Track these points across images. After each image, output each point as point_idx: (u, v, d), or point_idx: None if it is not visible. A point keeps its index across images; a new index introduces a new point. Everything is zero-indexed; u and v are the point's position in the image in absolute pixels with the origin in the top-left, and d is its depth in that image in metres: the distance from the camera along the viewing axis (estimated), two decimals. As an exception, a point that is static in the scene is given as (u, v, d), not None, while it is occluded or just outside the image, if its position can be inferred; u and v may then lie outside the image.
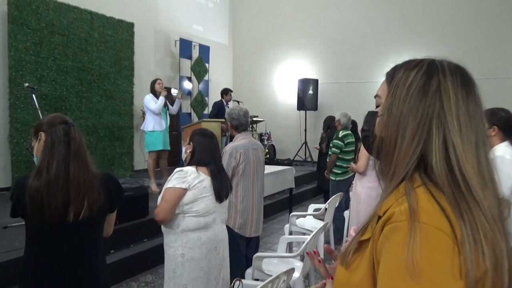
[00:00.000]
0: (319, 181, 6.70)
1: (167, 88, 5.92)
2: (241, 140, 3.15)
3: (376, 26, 9.53)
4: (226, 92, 7.67)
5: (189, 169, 2.29)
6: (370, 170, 3.59)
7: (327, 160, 5.34)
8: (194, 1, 9.83)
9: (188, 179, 2.23)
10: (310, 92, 9.79)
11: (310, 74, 10.25)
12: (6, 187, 5.73)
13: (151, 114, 5.58)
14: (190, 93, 9.44)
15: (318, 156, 7.25)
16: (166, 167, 5.96)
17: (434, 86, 0.75)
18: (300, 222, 4.35)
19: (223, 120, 5.94)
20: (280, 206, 6.60)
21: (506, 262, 0.68)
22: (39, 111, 4.35)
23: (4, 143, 5.71)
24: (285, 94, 10.73)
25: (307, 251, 1.00)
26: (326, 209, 4.13)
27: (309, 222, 4.40)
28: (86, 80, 6.74)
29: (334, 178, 5.14)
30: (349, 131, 5.17)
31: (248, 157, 3.08)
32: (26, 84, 4.75)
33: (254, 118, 8.77)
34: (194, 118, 9.39)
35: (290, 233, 4.21)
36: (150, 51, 8.46)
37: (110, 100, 7.18)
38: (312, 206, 4.91)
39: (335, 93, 10.04)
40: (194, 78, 9.40)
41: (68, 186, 1.61)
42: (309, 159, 9.75)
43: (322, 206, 4.46)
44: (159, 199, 2.29)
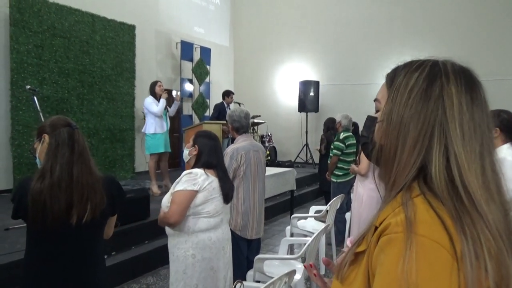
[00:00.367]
0: (320, 182, 6.70)
1: (168, 90, 5.92)
2: (242, 142, 3.15)
3: (377, 27, 9.54)
4: (227, 94, 7.66)
5: (198, 171, 2.30)
6: (372, 171, 3.58)
7: (328, 161, 5.35)
8: (195, 3, 9.86)
9: (198, 181, 2.25)
10: (311, 94, 9.79)
11: (311, 76, 10.25)
12: (8, 189, 5.74)
13: (153, 117, 5.55)
14: (191, 95, 9.45)
15: (319, 157, 7.26)
16: (167, 169, 5.96)
17: (436, 91, 0.70)
18: (301, 224, 4.35)
19: (224, 122, 5.95)
20: (281, 208, 6.60)
21: None
22: (41, 114, 4.36)
23: (5, 145, 5.73)
24: (286, 96, 10.74)
25: (305, 264, 0.98)
26: (328, 211, 4.13)
27: (310, 224, 4.39)
28: (87, 82, 6.76)
29: (335, 180, 5.14)
30: (350, 133, 5.17)
31: (249, 159, 3.09)
32: (28, 86, 4.77)
33: (256, 119, 8.78)
34: (195, 120, 9.40)
35: (291, 235, 4.21)
36: (151, 53, 8.48)
37: (112, 102, 7.20)
38: (313, 208, 4.91)
39: (336, 95, 10.05)
40: (195, 80, 9.42)
41: (71, 189, 1.61)
42: (310, 161, 9.74)
43: (323, 208, 4.45)
44: (165, 202, 2.29)
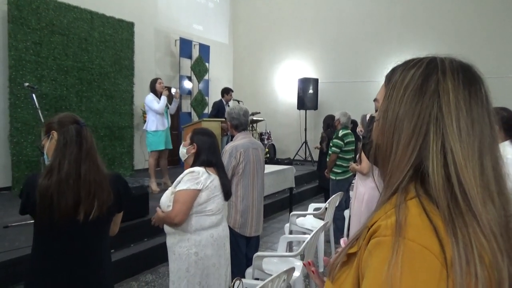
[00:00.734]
0: (320, 180, 6.71)
1: (167, 87, 5.91)
2: (241, 139, 3.15)
3: (376, 25, 9.53)
4: (226, 91, 7.62)
5: (199, 170, 2.29)
6: (374, 169, 3.57)
7: (327, 159, 5.35)
8: (194, 0, 9.82)
9: (201, 180, 2.25)
10: (310, 91, 9.78)
11: (310, 73, 10.24)
12: (7, 187, 5.74)
13: (154, 114, 5.54)
14: (190, 92, 9.44)
15: (318, 155, 7.26)
16: (167, 167, 5.96)
17: (432, 86, 0.68)
18: (300, 221, 4.35)
19: (223, 119, 5.94)
20: (280, 205, 6.61)
21: (507, 286, 0.60)
22: (39, 111, 4.35)
23: (4, 143, 5.72)
24: (285, 94, 10.73)
25: (304, 262, 0.98)
26: (326, 208, 4.13)
27: (309, 221, 4.40)
28: (86, 79, 6.74)
29: (334, 178, 5.15)
30: (349, 130, 5.17)
31: (248, 156, 3.08)
32: (26, 83, 4.75)
33: (256, 116, 8.76)
34: (194, 117, 9.39)
35: (290, 232, 4.21)
36: (150, 51, 8.46)
37: (110, 99, 7.18)
38: (312, 206, 4.92)
39: (335, 92, 10.04)
40: (194, 78, 9.40)
41: (78, 186, 1.62)
42: (309, 159, 9.75)
43: (322, 205, 4.46)
44: (165, 201, 2.27)
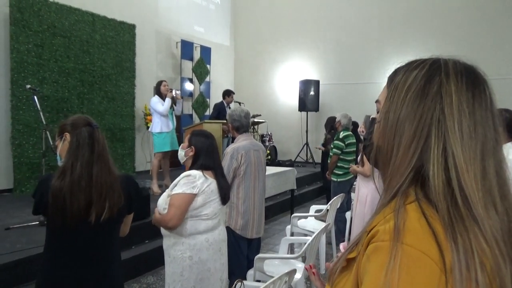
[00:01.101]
0: (323, 181, 6.71)
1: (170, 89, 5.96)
2: (242, 141, 3.15)
3: (378, 26, 9.53)
4: (227, 93, 7.62)
5: (196, 173, 2.26)
6: (375, 171, 3.57)
7: (329, 160, 5.35)
8: (195, 2, 9.85)
9: (197, 184, 2.21)
10: (312, 93, 9.78)
11: (311, 75, 10.24)
12: (8, 189, 5.75)
13: (158, 116, 5.61)
14: (191, 94, 9.45)
15: (321, 156, 7.27)
16: (168, 168, 5.98)
17: (434, 88, 0.67)
18: (301, 223, 4.35)
19: (225, 121, 5.95)
20: (281, 207, 6.60)
21: None
22: (41, 113, 4.36)
23: (6, 145, 5.73)
24: (286, 95, 10.73)
25: (306, 266, 0.98)
26: (328, 210, 4.13)
27: (310, 223, 4.39)
28: (87, 81, 6.76)
29: (336, 179, 5.14)
30: (349, 132, 5.17)
31: (249, 158, 3.08)
32: (28, 86, 4.76)
33: (257, 118, 8.77)
34: (196, 119, 9.40)
35: (292, 234, 4.21)
36: (151, 53, 8.48)
37: (112, 101, 7.19)
38: (313, 207, 4.91)
39: (337, 94, 10.04)
40: (195, 80, 9.41)
41: (90, 187, 1.66)
42: (310, 160, 9.74)
43: (323, 207, 4.45)
44: (162, 204, 2.25)
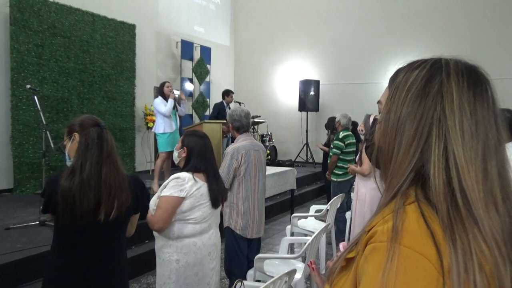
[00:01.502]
0: (325, 181, 6.70)
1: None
2: (242, 141, 3.15)
3: (378, 26, 9.53)
4: (227, 93, 7.63)
5: (186, 176, 2.21)
6: (376, 172, 3.57)
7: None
8: (196, 2, 9.85)
9: (185, 187, 2.16)
10: (312, 93, 9.78)
11: (312, 75, 10.24)
12: (8, 189, 5.75)
13: (161, 117, 5.66)
14: (191, 94, 9.45)
15: (322, 156, 7.28)
16: (169, 169, 5.99)
17: (435, 87, 0.67)
18: (301, 223, 4.35)
19: (225, 121, 5.96)
20: (281, 207, 6.60)
21: None
22: (41, 113, 4.35)
23: (6, 145, 5.73)
24: (286, 95, 10.73)
25: (308, 264, 0.99)
26: (328, 210, 4.13)
27: (310, 223, 4.39)
28: (87, 81, 6.76)
29: (335, 179, 5.14)
30: (349, 132, 5.17)
31: (249, 158, 3.08)
32: (28, 86, 4.75)
33: (256, 119, 8.77)
34: (196, 119, 9.40)
35: (292, 234, 4.21)
36: (151, 53, 8.48)
37: (112, 101, 7.20)
38: (313, 207, 4.91)
39: (337, 94, 10.04)
40: (195, 80, 9.42)
41: (100, 187, 1.68)
42: (310, 160, 9.74)
43: (323, 207, 4.45)
44: (152, 205, 2.22)
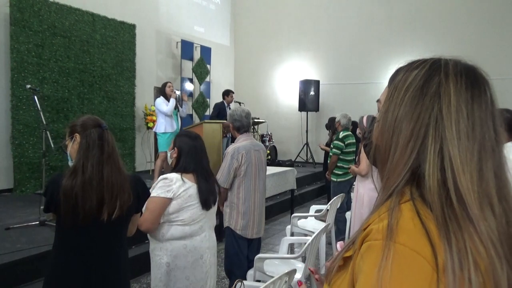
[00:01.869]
0: (325, 180, 6.70)
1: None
2: (243, 141, 3.15)
3: (378, 26, 9.53)
4: (227, 93, 7.65)
5: (174, 176, 2.20)
6: (374, 171, 3.57)
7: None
8: (196, 2, 9.85)
9: (173, 188, 2.15)
10: (312, 93, 9.78)
11: (312, 75, 10.24)
12: (8, 189, 5.75)
13: (163, 116, 5.70)
14: (191, 94, 9.45)
15: (324, 156, 7.28)
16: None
17: (433, 88, 0.67)
18: (301, 223, 4.35)
19: (225, 121, 5.96)
20: (281, 207, 6.60)
21: None
22: (41, 113, 4.35)
23: (6, 145, 5.72)
24: (286, 95, 10.73)
25: (310, 268, 0.99)
26: (328, 210, 4.13)
27: (310, 223, 4.39)
28: (88, 81, 6.76)
29: (335, 179, 5.14)
30: (349, 132, 5.17)
31: (250, 158, 3.08)
32: (28, 85, 4.75)
33: (256, 119, 8.78)
34: (196, 119, 9.40)
35: (292, 234, 4.21)
36: (151, 53, 8.48)
37: (112, 101, 7.19)
38: (313, 207, 4.91)
39: (337, 94, 10.04)
40: (195, 80, 9.42)
41: (102, 187, 1.68)
42: (310, 160, 9.74)
43: (323, 207, 4.45)
44: (145, 206, 2.21)
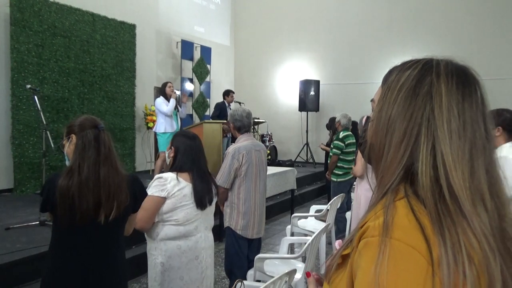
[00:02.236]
0: (326, 181, 6.70)
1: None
2: (243, 141, 3.15)
3: (378, 26, 9.53)
4: (227, 93, 7.67)
5: (169, 176, 2.21)
6: (368, 172, 3.57)
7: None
8: (196, 2, 9.85)
9: (167, 187, 2.16)
10: (312, 93, 9.78)
11: (312, 75, 10.24)
12: (8, 189, 5.75)
13: (163, 116, 5.71)
14: (191, 94, 9.45)
15: (324, 156, 7.29)
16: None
17: (425, 88, 0.69)
18: (301, 223, 4.34)
19: (225, 121, 5.96)
20: (281, 207, 6.60)
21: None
22: (41, 113, 4.35)
23: (6, 145, 5.73)
24: (286, 95, 10.73)
25: (307, 272, 0.99)
26: (328, 210, 4.13)
27: (310, 223, 4.39)
28: (88, 81, 6.76)
29: (336, 179, 5.14)
30: (349, 132, 5.17)
31: (250, 158, 3.08)
32: (28, 85, 4.75)
33: (255, 120, 8.78)
34: (196, 119, 9.40)
35: (292, 234, 4.21)
36: (151, 53, 8.48)
37: (112, 101, 7.20)
38: (313, 207, 4.91)
39: (337, 94, 10.04)
40: (195, 80, 9.42)
41: (99, 188, 1.67)
42: (310, 160, 9.74)
43: (323, 207, 4.45)
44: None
